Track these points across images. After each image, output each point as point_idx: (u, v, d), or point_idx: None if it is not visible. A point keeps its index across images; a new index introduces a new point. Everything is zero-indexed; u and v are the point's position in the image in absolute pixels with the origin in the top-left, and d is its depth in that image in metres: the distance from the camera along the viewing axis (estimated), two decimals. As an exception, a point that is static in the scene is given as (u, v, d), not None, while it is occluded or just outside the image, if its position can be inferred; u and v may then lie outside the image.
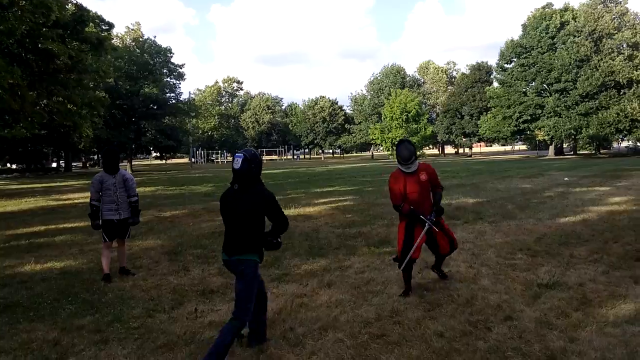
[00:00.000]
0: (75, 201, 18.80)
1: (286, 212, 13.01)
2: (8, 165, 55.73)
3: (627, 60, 51.73)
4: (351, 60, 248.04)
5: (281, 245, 4.56)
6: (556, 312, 5.06)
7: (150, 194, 21.04)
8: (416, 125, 57.77)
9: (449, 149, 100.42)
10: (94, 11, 49.31)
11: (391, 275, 6.56)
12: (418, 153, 53.51)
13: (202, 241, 9.64)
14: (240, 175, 4.19)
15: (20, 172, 48.41)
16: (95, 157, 69.04)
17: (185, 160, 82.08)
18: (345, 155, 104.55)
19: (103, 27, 51.34)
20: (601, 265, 6.88)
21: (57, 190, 24.69)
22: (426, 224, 5.66)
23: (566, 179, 22.25)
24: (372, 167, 42.65)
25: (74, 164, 76.62)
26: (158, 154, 54.79)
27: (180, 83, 50.32)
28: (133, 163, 54.02)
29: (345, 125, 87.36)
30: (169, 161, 75.80)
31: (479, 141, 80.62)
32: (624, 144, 68.97)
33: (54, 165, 57.71)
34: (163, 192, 21.61)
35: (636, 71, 51.12)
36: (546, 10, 60.21)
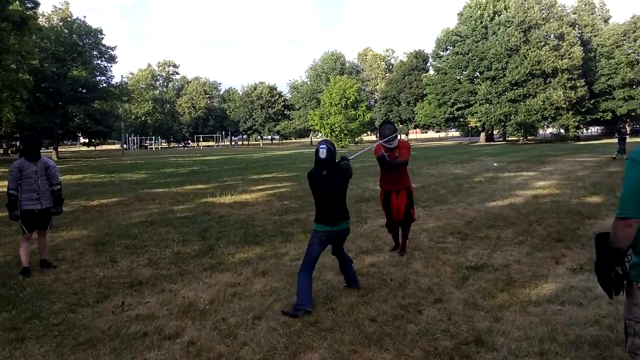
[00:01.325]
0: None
1: (222, 200, 12.99)
2: None
3: (552, 50, 54.22)
4: (293, 46, 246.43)
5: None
6: (483, 294, 5.22)
7: (77, 182, 20.12)
8: (355, 112, 58.27)
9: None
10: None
11: (326, 262, 6.55)
12: (356, 139, 53.97)
13: (132, 231, 9.29)
14: (326, 163, 5.13)
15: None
16: (17, 143, 65.01)
17: (117, 146, 79.05)
18: (284, 141, 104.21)
19: (28, 4, 48.36)
20: (525, 246, 7.18)
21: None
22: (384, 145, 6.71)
23: (495, 164, 23.16)
24: (310, 153, 42.65)
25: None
26: (87, 140, 52.15)
27: (111, 66, 48.17)
28: (60, 150, 51.40)
29: (285, 112, 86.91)
30: (99, 148, 72.79)
31: (415, 127, 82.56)
32: (549, 130, 72.58)
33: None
34: (91, 180, 20.72)
35: (561, 60, 53.66)
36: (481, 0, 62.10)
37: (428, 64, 73.34)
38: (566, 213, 9.70)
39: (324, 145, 5.19)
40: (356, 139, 61.17)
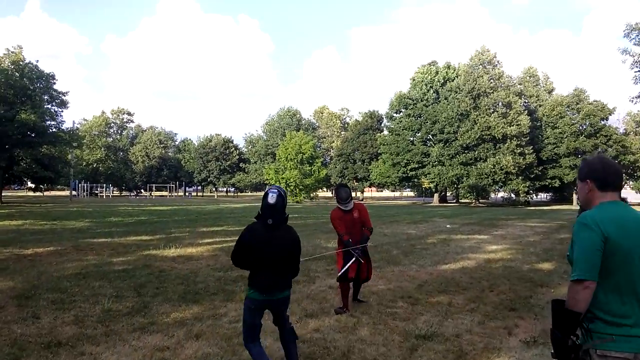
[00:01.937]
0: None
1: (165, 252, 12.32)
2: None
3: (501, 117, 56.64)
4: (252, 99, 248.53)
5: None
6: (433, 367, 4.86)
7: (16, 228, 18.92)
8: (310, 167, 58.57)
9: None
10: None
11: (267, 325, 6.06)
12: (311, 195, 54.19)
13: (63, 283, 8.54)
14: (275, 210, 4.38)
15: None
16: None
17: (67, 192, 76.28)
18: (239, 194, 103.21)
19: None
20: (477, 314, 6.91)
21: None
22: (355, 254, 6.99)
23: (448, 226, 23.31)
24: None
25: None
26: (33, 186, 49.91)
27: (62, 111, 46.83)
28: (5, 194, 48.89)
29: (240, 164, 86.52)
30: (48, 194, 69.86)
31: (370, 186, 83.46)
32: (500, 194, 74.72)
33: None
34: (31, 227, 19.50)
35: (510, 127, 55.98)
36: (432, 67, 64.87)
37: (382, 124, 75.23)
38: (518, 280, 9.57)
39: (275, 190, 4.50)
40: (311, 195, 61.22)
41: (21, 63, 44.24)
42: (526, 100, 64.44)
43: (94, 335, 5.73)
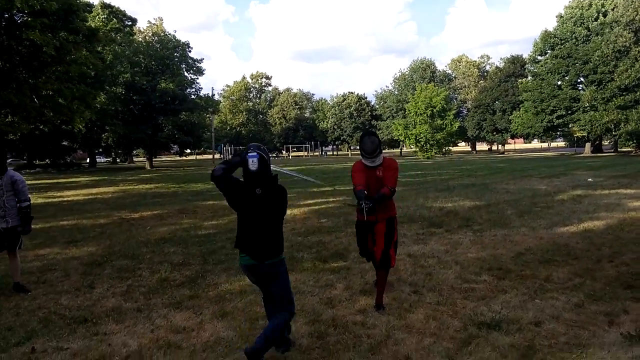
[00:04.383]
0: (66, 199, 18.07)
1: (226, 219, 11.90)
2: (35, 161, 56.13)
3: (669, 51, 48.40)
4: (390, 56, 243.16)
5: None
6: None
7: (144, 191, 20.30)
8: (442, 121, 55.62)
9: (483, 146, 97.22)
10: (116, 6, 49.46)
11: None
12: (444, 150, 51.39)
13: (140, 249, 8.58)
14: (260, 177, 3.84)
15: (43, 168, 48.76)
16: (120, 152, 69.32)
17: (218, 156, 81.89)
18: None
19: (126, 22, 51.39)
20: (578, 294, 5.46)
21: (60, 187, 24.22)
22: (363, 205, 4.83)
23: (590, 179, 20.33)
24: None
25: (105, 159, 77.74)
26: (179, 150, 54.29)
27: (197, 78, 49.67)
28: (163, 159, 53.58)
29: (372, 122, 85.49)
30: (200, 157, 75.03)
31: (512, 137, 77.53)
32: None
33: (89, 161, 57.53)
34: (157, 190, 20.77)
35: (680, 63, 47.73)
36: (584, 0, 57.06)
37: (525, 69, 68.57)
38: (653, 247, 7.65)
39: (254, 153, 3.82)
40: (443, 150, 58.37)
41: (161, 34, 47.38)
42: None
43: (126, 310, 5.46)
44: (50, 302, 5.89)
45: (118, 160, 76.59)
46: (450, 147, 63.11)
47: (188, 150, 64.34)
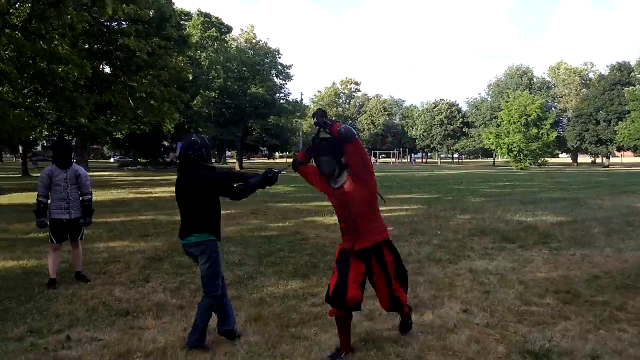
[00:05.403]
0: (153, 195, 19.02)
1: (327, 220, 11.79)
2: (140, 159, 59.85)
3: None
4: (489, 61, 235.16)
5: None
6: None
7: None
8: (537, 130, 52.65)
9: (586, 158, 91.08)
10: (215, 16, 51.87)
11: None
12: (539, 161, 47.73)
13: (202, 247, 8.76)
14: (181, 162, 4.41)
15: (144, 165, 52.04)
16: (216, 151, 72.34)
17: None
18: (464, 160, 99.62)
19: (222, 29, 53.75)
20: (653, 327, 4.80)
21: (153, 183, 25.59)
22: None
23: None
24: (482, 175, 39.44)
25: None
26: (267, 153, 55.92)
27: (286, 83, 50.93)
28: (255, 161, 55.23)
29: (463, 129, 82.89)
30: (288, 160, 76.67)
31: (619, 150, 71.86)
32: None
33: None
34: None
35: None
36: None
37: (632, 75, 63.30)
38: None
39: (180, 143, 4.48)
40: (539, 161, 55.18)
41: (253, 41, 49.09)
42: None
43: (167, 306, 5.56)
44: (104, 292, 6.12)
45: (213, 160, 79.97)
46: (546, 158, 59.59)
47: (277, 154, 65.93)
